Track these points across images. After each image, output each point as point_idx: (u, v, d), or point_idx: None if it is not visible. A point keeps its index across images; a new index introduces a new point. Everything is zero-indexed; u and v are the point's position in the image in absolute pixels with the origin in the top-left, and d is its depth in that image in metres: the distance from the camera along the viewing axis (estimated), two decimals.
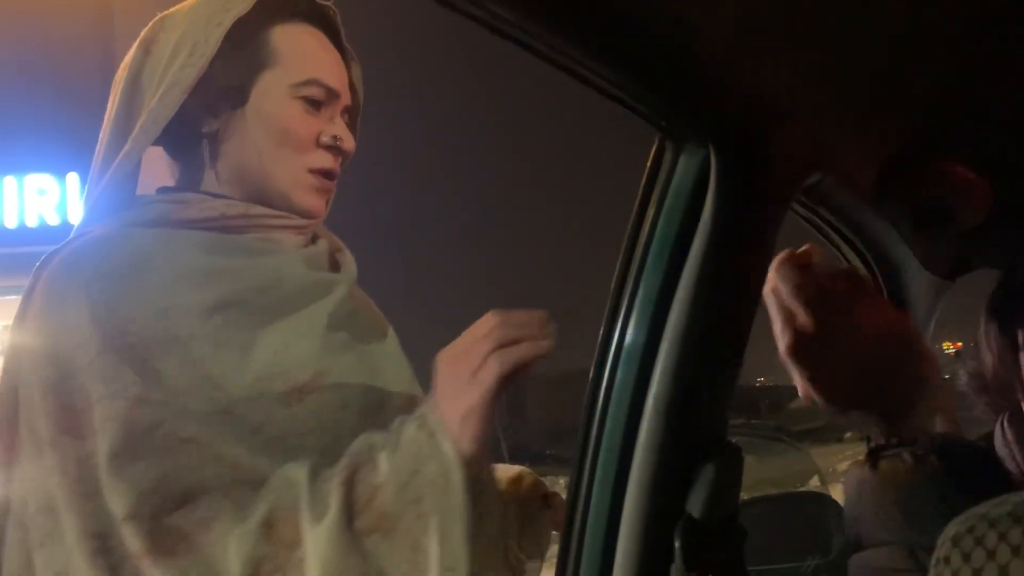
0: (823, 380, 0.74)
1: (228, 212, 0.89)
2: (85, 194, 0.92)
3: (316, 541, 0.73)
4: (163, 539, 0.74)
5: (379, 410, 0.87)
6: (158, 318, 0.80)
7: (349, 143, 0.93)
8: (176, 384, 0.79)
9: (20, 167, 8.48)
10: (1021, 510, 0.44)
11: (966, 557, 0.45)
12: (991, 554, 0.44)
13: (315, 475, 0.76)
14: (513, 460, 1.07)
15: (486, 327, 0.75)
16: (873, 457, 0.69)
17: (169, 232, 0.88)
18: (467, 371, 0.75)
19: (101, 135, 0.91)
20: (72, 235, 0.90)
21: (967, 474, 0.66)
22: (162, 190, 0.94)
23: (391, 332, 0.99)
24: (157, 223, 0.88)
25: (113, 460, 0.75)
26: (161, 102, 0.86)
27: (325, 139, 0.92)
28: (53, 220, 8.44)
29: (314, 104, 0.91)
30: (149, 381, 0.77)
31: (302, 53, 0.91)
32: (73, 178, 8.32)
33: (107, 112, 0.91)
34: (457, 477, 0.73)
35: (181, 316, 0.81)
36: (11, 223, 8.53)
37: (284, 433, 0.81)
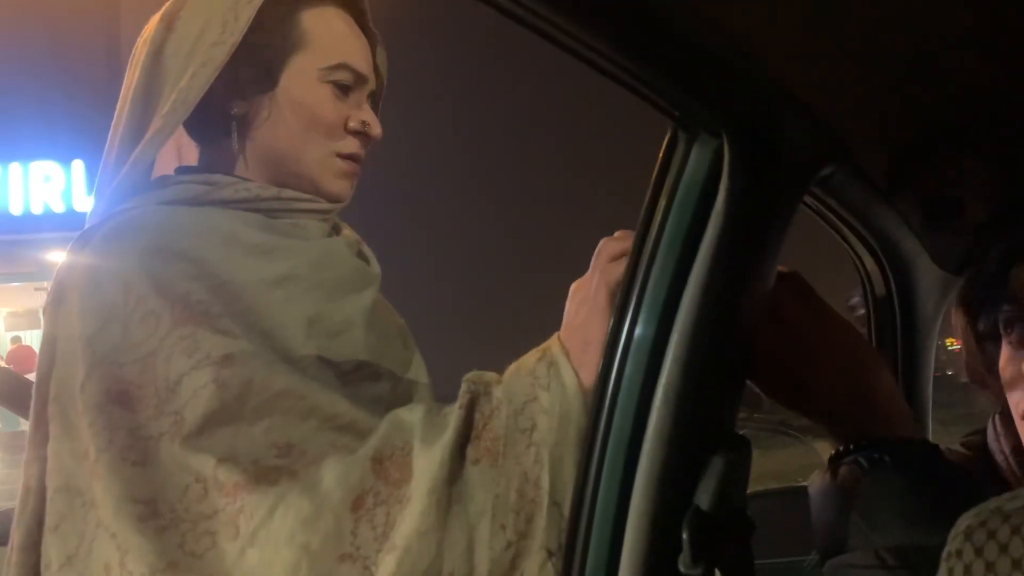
0: (771, 384, 0.74)
1: (262, 194, 0.89)
2: (101, 175, 0.91)
3: (427, 466, 0.70)
4: (264, 475, 0.72)
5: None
6: (220, 291, 0.79)
7: (376, 128, 0.94)
8: (253, 344, 0.77)
9: (25, 154, 8.50)
10: None
11: (979, 551, 0.45)
12: (1004, 548, 0.44)
13: (429, 413, 0.74)
14: None
15: (599, 247, 0.76)
16: (832, 464, 0.70)
17: (213, 210, 0.87)
18: (582, 297, 0.75)
19: (118, 112, 0.90)
20: (99, 215, 0.88)
21: (923, 477, 0.66)
22: (182, 171, 0.94)
23: (405, 326, 0.99)
24: (192, 203, 0.87)
25: (206, 424, 0.73)
26: (191, 81, 0.84)
27: (353, 124, 0.92)
28: (58, 207, 8.47)
29: (343, 89, 0.91)
30: (229, 342, 0.76)
31: (332, 36, 0.91)
32: (78, 165, 8.34)
33: (124, 88, 0.89)
34: (575, 407, 0.71)
35: (243, 289, 0.80)
36: (16, 210, 8.55)
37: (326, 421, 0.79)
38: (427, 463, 0.70)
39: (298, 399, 0.76)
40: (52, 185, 8.43)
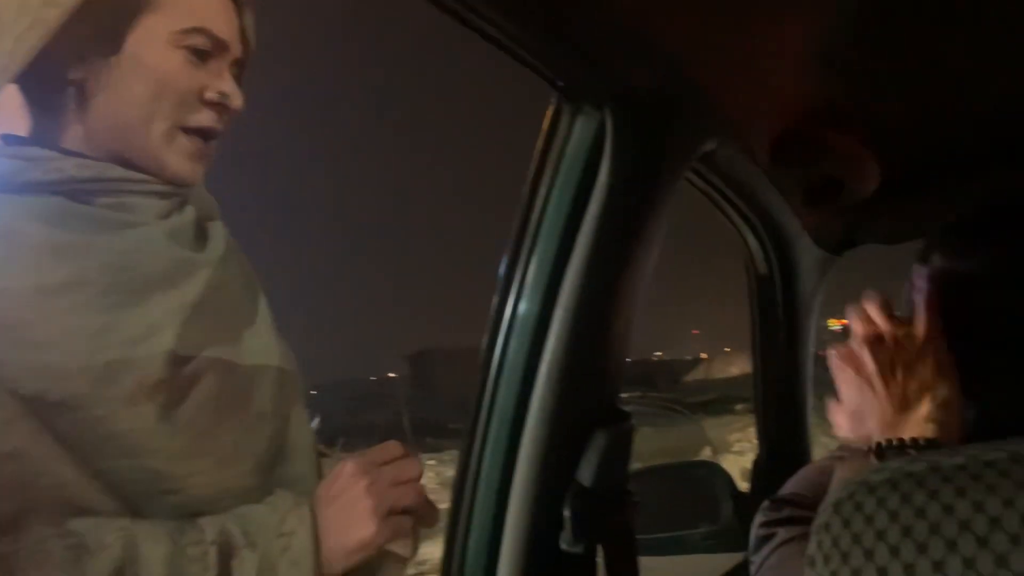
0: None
1: (78, 175, 0.79)
2: None
3: None
4: None
5: (244, 400, 0.81)
6: None
7: (237, 100, 0.85)
8: (6, 377, 0.70)
9: None
10: (898, 476, 0.45)
11: (846, 523, 0.45)
12: (869, 519, 0.45)
13: (175, 548, 0.71)
14: (415, 434, 1.03)
15: (378, 470, 0.74)
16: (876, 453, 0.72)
17: (5, 199, 0.77)
18: (354, 518, 0.73)
19: None
20: None
21: None
22: (8, 139, 0.85)
23: (262, 303, 0.92)
24: None
25: None
26: (17, 44, 0.76)
27: (210, 95, 0.83)
28: None
29: (199, 55, 0.83)
30: None
31: None
32: None
33: None
34: None
35: (18, 297, 0.72)
36: None
37: (124, 433, 0.74)
38: None
39: (26, 463, 0.69)
40: None
